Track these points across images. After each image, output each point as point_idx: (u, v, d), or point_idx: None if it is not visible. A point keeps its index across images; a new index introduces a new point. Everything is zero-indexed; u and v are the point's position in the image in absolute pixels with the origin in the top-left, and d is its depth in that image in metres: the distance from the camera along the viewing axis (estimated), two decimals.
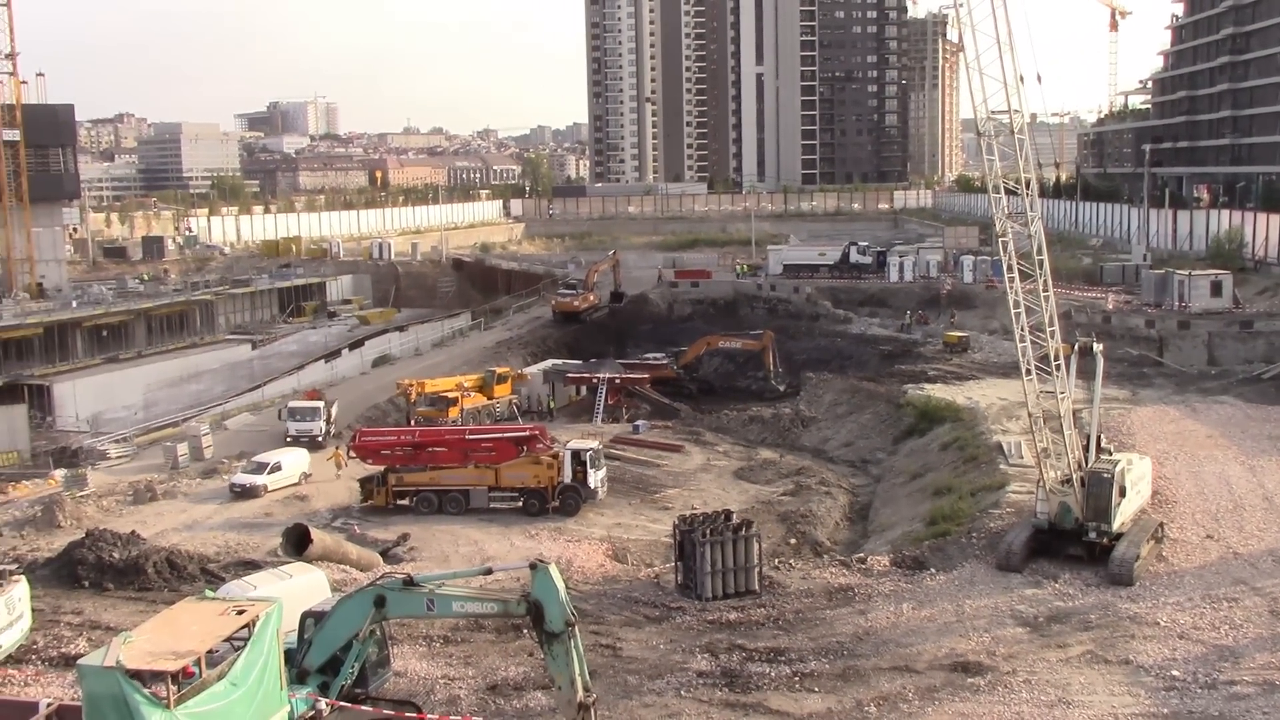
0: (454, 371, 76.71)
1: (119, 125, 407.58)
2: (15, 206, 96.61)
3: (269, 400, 76.73)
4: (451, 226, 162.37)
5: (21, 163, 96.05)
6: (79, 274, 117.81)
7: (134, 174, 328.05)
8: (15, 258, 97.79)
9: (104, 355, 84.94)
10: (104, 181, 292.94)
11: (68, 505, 49.23)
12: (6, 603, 30.77)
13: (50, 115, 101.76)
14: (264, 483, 52.51)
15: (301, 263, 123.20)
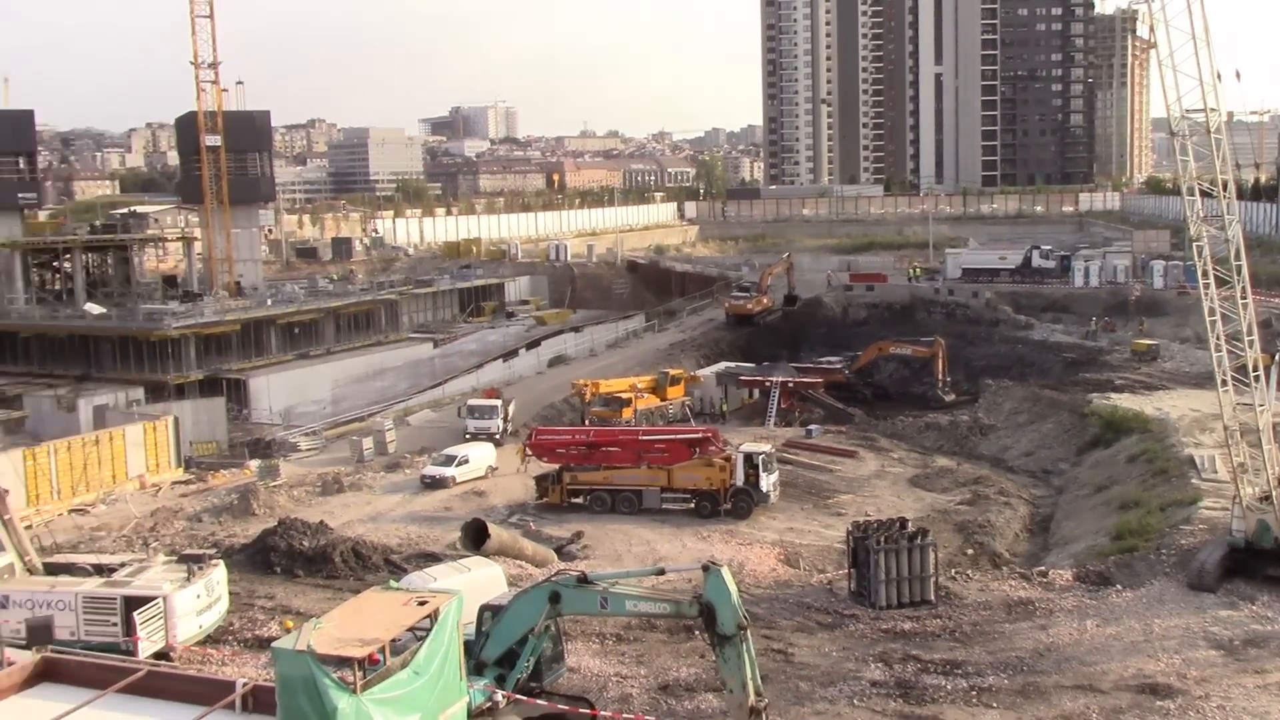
0: (628, 372, 77.37)
1: (311, 131, 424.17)
2: (216, 209, 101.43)
3: (449, 397, 78.79)
4: (626, 229, 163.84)
5: (222, 167, 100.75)
6: (273, 273, 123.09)
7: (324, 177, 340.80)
8: (216, 257, 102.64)
9: (296, 351, 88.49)
10: (296, 185, 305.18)
11: (261, 494, 51.49)
12: (206, 586, 32.35)
13: (248, 121, 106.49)
14: (452, 474, 54.31)
15: (481, 264, 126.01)
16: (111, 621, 30.38)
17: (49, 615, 29.01)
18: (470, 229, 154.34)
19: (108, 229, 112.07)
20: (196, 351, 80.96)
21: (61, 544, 37.57)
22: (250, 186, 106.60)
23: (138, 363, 79.91)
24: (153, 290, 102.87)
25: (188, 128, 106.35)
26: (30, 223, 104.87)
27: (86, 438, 57.57)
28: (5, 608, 30.53)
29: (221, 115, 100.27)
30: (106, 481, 55.84)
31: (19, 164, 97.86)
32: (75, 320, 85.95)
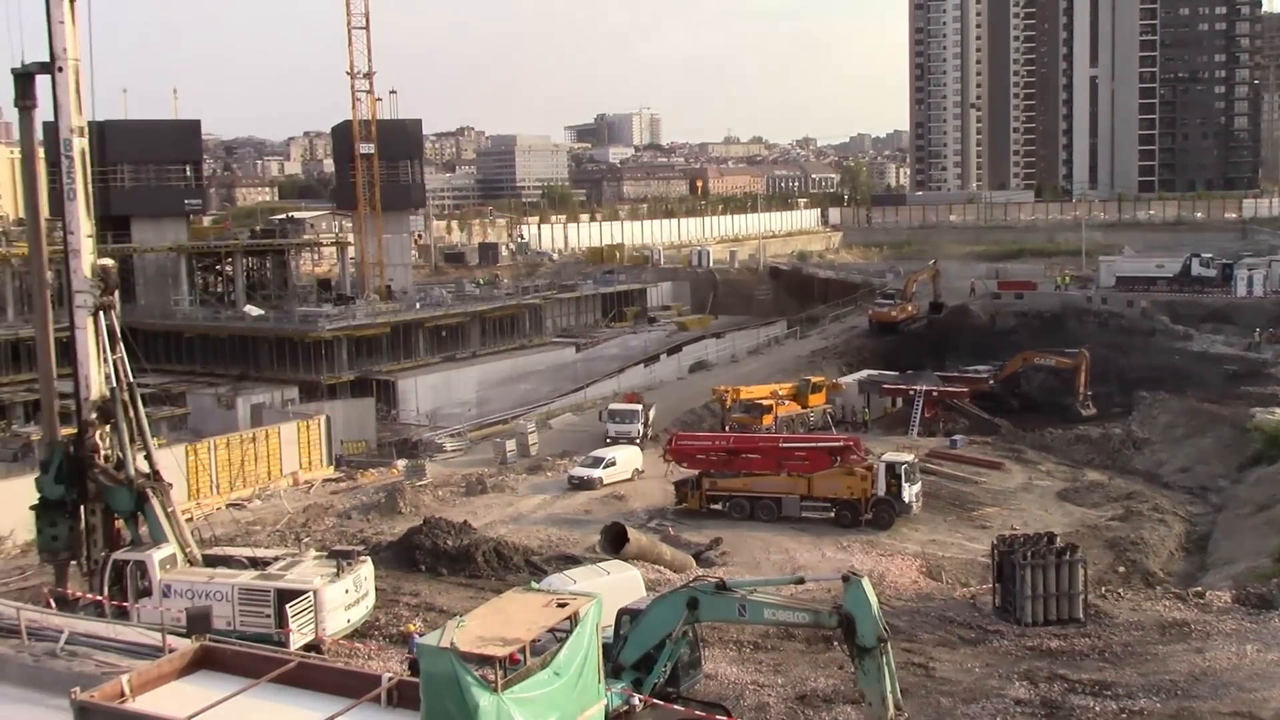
0: (769, 379, 76.97)
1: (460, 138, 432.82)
2: (369, 215, 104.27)
3: (590, 401, 79.48)
4: (769, 235, 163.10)
5: (375, 174, 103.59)
6: (422, 278, 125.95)
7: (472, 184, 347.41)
8: (368, 262, 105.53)
9: (442, 354, 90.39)
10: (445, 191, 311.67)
11: (408, 493, 52.70)
12: (354, 581, 33.23)
13: (401, 130, 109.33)
14: (600, 476, 55.02)
15: (624, 269, 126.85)
16: (265, 613, 31.42)
17: (208, 605, 30.11)
18: (613, 235, 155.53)
19: (266, 234, 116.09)
20: (348, 353, 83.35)
21: (219, 537, 39.02)
22: (401, 193, 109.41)
23: (293, 363, 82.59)
24: (308, 293, 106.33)
25: (343, 136, 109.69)
26: (195, 228, 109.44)
27: (244, 435, 59.76)
28: (168, 596, 31.86)
29: (375, 124, 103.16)
30: (262, 477, 57.85)
31: (185, 172, 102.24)
32: (235, 322, 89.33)
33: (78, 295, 32.35)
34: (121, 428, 32.80)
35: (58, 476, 32.98)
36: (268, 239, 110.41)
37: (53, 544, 33.48)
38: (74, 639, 23.12)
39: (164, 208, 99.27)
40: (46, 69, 32.08)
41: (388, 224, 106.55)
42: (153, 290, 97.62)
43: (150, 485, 33.10)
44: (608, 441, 63.27)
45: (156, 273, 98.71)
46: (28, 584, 38.41)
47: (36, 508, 33.60)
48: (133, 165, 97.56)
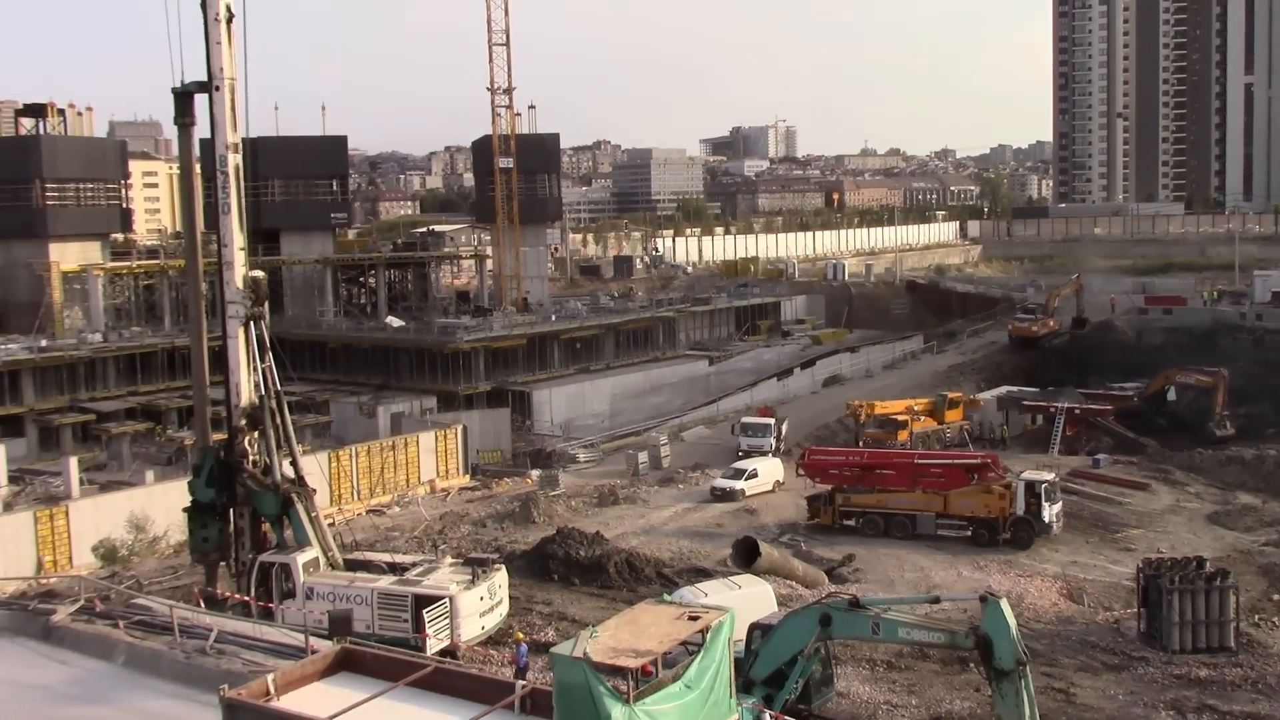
0: (904, 394, 75.88)
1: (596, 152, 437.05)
2: (507, 228, 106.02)
3: (723, 415, 79.40)
4: (906, 248, 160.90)
5: (514, 188, 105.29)
6: (558, 290, 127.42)
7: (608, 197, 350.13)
8: (505, 274, 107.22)
9: (577, 366, 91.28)
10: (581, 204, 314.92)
11: (542, 503, 53.28)
12: (489, 589, 33.72)
13: (539, 144, 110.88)
14: (741, 487, 55.14)
15: (758, 282, 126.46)
16: (403, 618, 32.08)
17: (349, 608, 30.83)
18: (748, 248, 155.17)
19: (408, 247, 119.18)
20: (485, 364, 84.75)
21: (360, 542, 40.03)
22: (539, 206, 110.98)
23: (431, 373, 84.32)
24: (447, 305, 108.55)
25: (483, 151, 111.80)
26: (340, 241, 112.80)
27: (384, 443, 61.21)
28: (310, 598, 32.76)
29: (515, 138, 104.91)
30: (401, 485, 59.20)
31: (332, 186, 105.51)
32: (377, 332, 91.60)
33: (230, 306, 33.53)
34: (269, 434, 33.86)
35: (209, 480, 34.15)
36: (409, 252, 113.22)
37: (203, 545, 34.69)
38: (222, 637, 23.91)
39: (311, 221, 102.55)
40: (204, 88, 33.38)
41: (525, 237, 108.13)
42: (299, 301, 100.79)
43: (295, 490, 34.09)
44: (739, 455, 63.10)
45: (303, 284, 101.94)
46: (179, 583, 39.93)
47: (189, 510, 34.86)
48: (283, 180, 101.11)
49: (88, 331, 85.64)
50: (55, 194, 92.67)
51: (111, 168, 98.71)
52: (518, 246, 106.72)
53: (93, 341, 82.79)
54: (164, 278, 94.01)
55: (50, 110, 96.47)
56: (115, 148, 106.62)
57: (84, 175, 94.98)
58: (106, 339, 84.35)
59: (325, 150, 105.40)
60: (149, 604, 26.43)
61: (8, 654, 19.83)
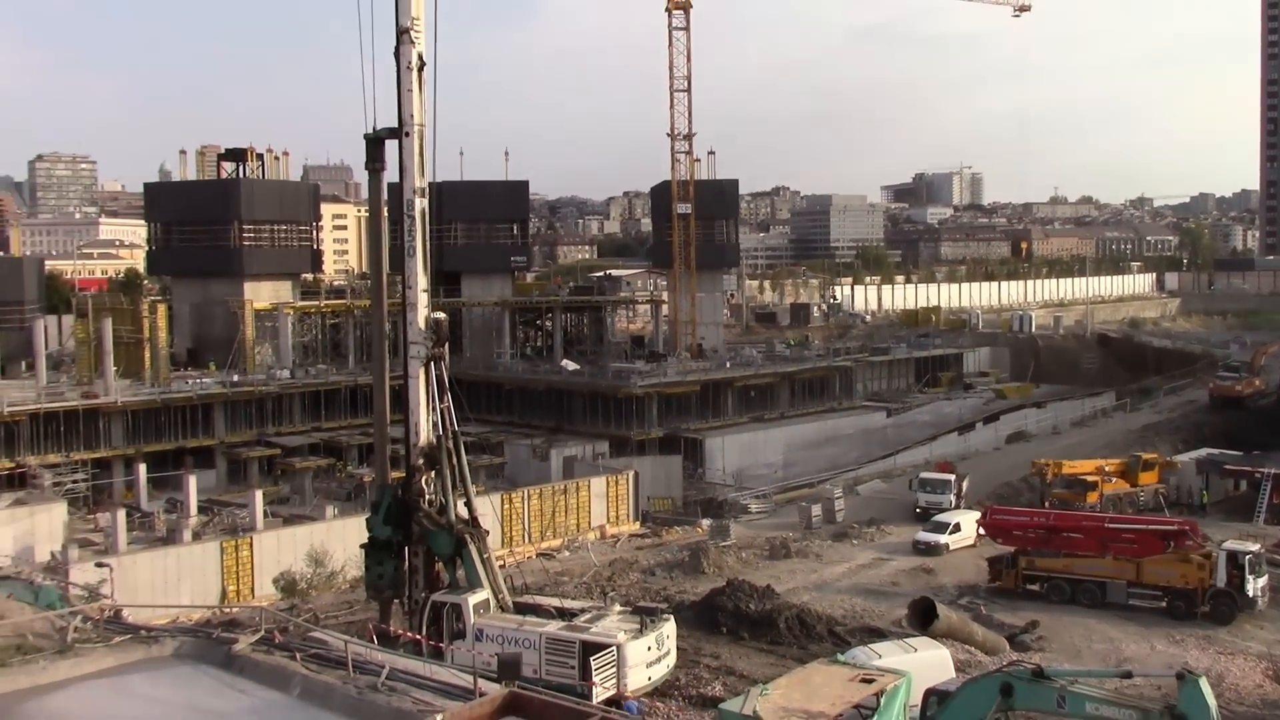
0: (1094, 454, 73.15)
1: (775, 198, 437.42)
2: (684, 273, 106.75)
3: (900, 469, 77.98)
4: (1098, 300, 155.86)
5: (691, 233, 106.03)
6: (733, 337, 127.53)
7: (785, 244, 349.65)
8: (681, 320, 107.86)
9: (750, 414, 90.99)
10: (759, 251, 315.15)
11: (712, 553, 53.05)
12: (657, 639, 33.60)
13: (717, 190, 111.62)
14: (945, 541, 54.53)
15: (939, 333, 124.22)
16: (570, 664, 32.18)
17: (518, 652, 31.08)
18: (929, 297, 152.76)
19: (584, 290, 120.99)
20: (658, 409, 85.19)
21: (529, 585, 40.43)
22: (716, 252, 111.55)
23: (605, 418, 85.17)
24: (622, 349, 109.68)
25: (661, 196, 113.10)
26: (519, 284, 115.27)
27: (556, 486, 62.01)
28: (480, 640, 33.21)
29: (693, 184, 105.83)
30: (571, 529, 59.78)
31: (513, 230, 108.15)
32: (552, 375, 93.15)
33: (412, 346, 34.54)
34: (445, 474, 34.64)
35: (386, 518, 35.09)
36: (585, 295, 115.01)
37: (379, 582, 35.60)
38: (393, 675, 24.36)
39: (492, 264, 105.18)
40: (395, 134, 34.67)
41: (701, 283, 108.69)
42: (478, 342, 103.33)
43: (469, 531, 34.73)
44: (917, 512, 62.11)
45: (482, 326, 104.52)
46: (355, 618, 41.01)
47: (366, 546, 35.86)
48: (466, 224, 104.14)
49: (276, 368, 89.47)
50: (251, 235, 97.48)
51: (304, 210, 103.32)
52: (693, 292, 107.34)
53: (281, 378, 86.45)
54: (349, 317, 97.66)
55: (250, 155, 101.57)
56: (308, 191, 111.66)
57: (279, 217, 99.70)
58: (294, 375, 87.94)
59: (507, 195, 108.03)
60: (325, 637, 27.19)
61: (191, 681, 20.69)
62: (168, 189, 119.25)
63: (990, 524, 51.20)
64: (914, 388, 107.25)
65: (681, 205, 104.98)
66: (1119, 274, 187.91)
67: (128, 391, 78.15)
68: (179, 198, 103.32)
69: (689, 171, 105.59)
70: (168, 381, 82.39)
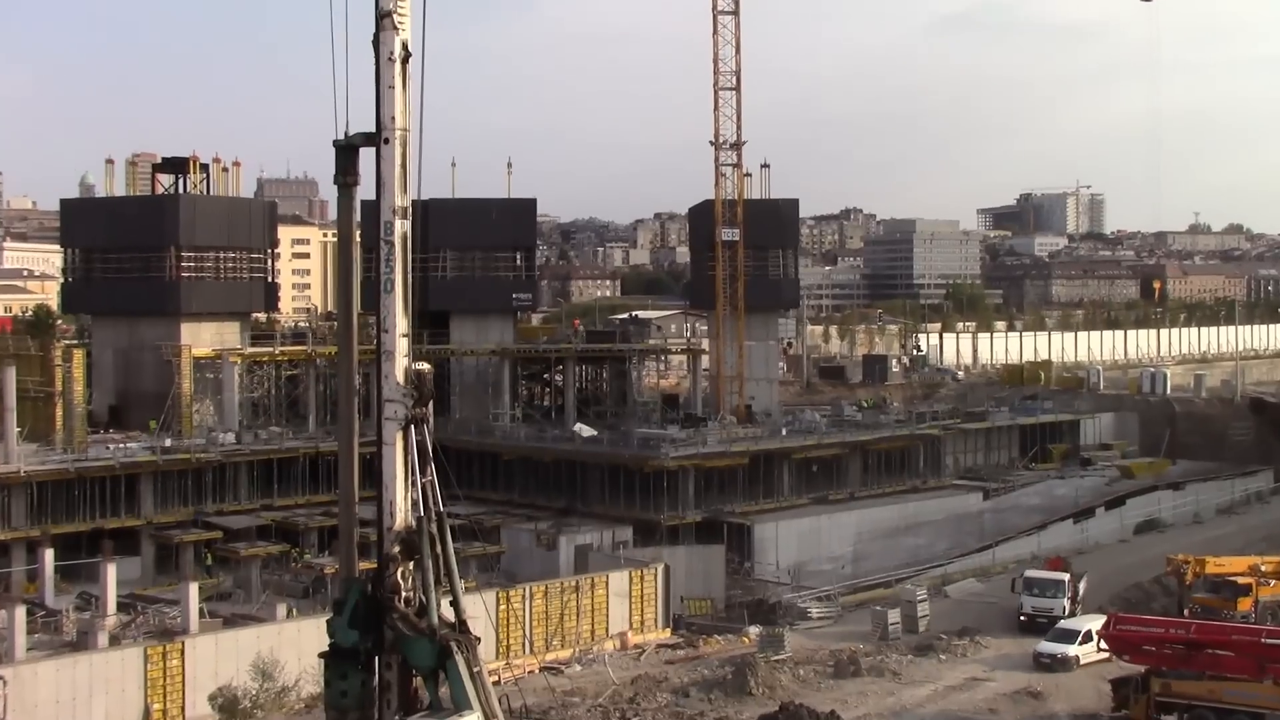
0: (1247, 549, 72.67)
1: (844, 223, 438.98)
2: (729, 316, 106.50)
3: (1000, 565, 77.57)
4: (1250, 355, 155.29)
5: (740, 266, 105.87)
6: (791, 396, 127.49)
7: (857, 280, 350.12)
8: (725, 374, 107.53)
9: (812, 494, 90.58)
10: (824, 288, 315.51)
11: (761, 669, 52.69)
12: None
13: (773, 212, 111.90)
14: (1075, 654, 54.85)
15: (1050, 393, 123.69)
16: None
17: None
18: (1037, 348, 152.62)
19: (605, 336, 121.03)
20: (696, 487, 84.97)
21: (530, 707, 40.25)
22: (770, 290, 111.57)
23: (628, 496, 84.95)
24: (650, 411, 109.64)
25: (702, 219, 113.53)
26: (522, 328, 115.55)
27: (566, 583, 61.80)
28: None
29: (743, 205, 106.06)
30: (584, 637, 59.51)
31: (516, 260, 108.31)
32: (563, 443, 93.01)
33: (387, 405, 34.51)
34: (427, 566, 34.47)
35: (352, 620, 34.87)
36: (606, 343, 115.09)
37: (341, 700, 35.29)
38: None
39: (489, 303, 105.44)
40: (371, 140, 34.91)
41: (752, 328, 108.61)
42: (470, 400, 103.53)
43: (456, 638, 34.48)
44: (1021, 620, 62.02)
45: (476, 380, 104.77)
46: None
47: (326, 655, 35.67)
48: (457, 251, 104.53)
49: (219, 430, 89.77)
50: (192, 264, 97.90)
51: (258, 234, 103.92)
52: (741, 340, 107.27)
53: (224, 443, 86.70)
54: (311, 368, 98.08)
55: (192, 165, 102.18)
56: (263, 210, 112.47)
57: (226, 243, 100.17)
58: (240, 440, 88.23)
59: (509, 216, 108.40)
60: None
61: None
62: (89, 207, 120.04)
63: (1115, 636, 50.72)
64: (1018, 463, 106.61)
65: (727, 230, 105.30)
66: (1276, 322, 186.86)
67: (33, 458, 78.32)
68: (103, 218, 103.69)
69: (737, 188, 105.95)
70: (84, 446, 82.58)
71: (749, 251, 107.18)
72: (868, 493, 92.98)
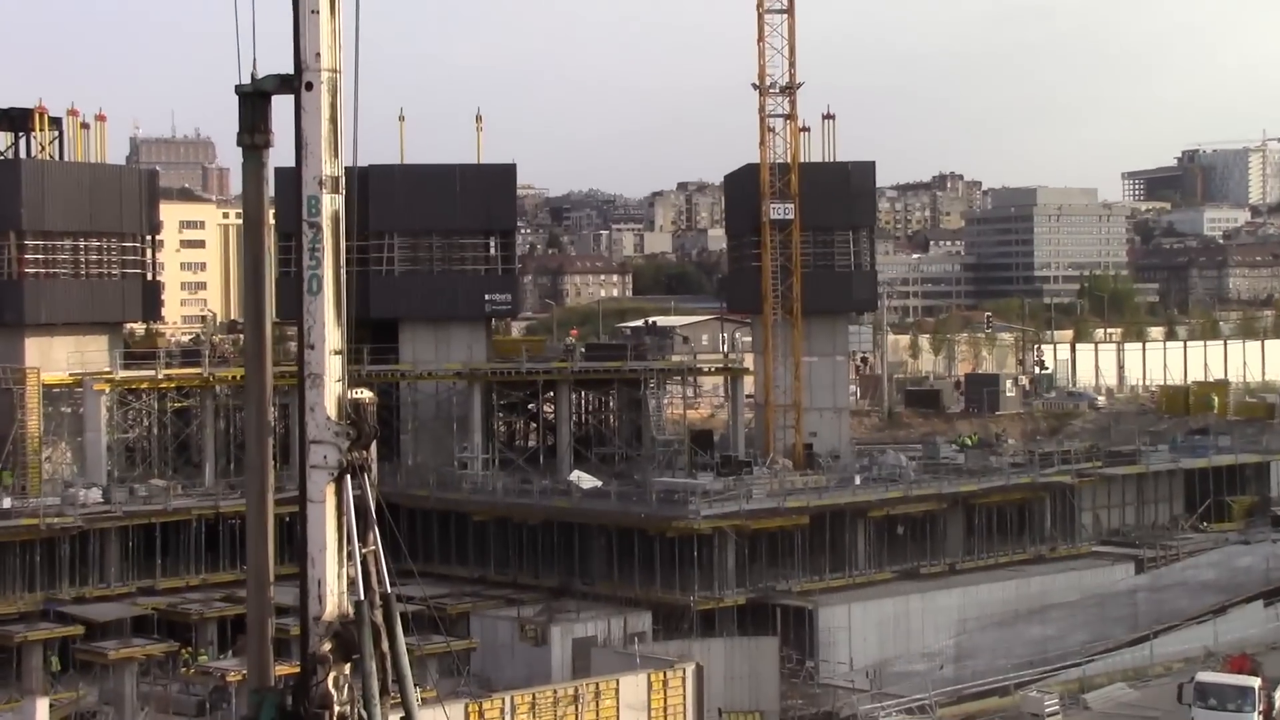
0: None
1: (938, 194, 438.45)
2: (782, 323, 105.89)
3: (1160, 663, 77.19)
4: None
5: (795, 254, 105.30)
6: (866, 431, 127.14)
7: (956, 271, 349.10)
8: (776, 403, 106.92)
9: (896, 566, 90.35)
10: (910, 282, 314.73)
11: None
12: None
13: (840, 181, 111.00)
14: None
15: (1228, 426, 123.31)
16: None
17: None
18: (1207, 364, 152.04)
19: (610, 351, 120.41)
20: (738, 558, 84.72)
21: None
22: (837, 286, 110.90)
23: (645, 571, 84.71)
24: (675, 453, 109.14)
25: (742, 190, 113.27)
26: (499, 341, 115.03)
27: (560, 690, 61.57)
28: None
29: (797, 170, 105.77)
30: None
31: (489, 248, 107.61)
32: (555, 498, 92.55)
33: (314, 449, 34.45)
34: (369, 669, 34.44)
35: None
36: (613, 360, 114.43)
37: None
38: None
39: (453, 307, 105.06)
40: (290, 86, 34.93)
41: (812, 338, 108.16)
42: (428, 441, 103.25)
43: None
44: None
45: (436, 412, 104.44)
46: None
47: None
48: (408, 238, 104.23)
49: (79, 485, 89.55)
50: (40, 257, 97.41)
51: (132, 214, 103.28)
52: (798, 355, 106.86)
53: (87, 502, 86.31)
54: (208, 398, 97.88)
55: (38, 119, 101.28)
56: (139, 181, 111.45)
57: (87, 227, 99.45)
58: (109, 499, 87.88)
59: (480, 188, 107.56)
60: None
61: None
62: None
63: None
64: (1183, 522, 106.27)
65: (778, 205, 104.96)
66: None
67: None
68: None
69: (790, 147, 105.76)
70: None
71: (808, 234, 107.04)
72: (974, 564, 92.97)
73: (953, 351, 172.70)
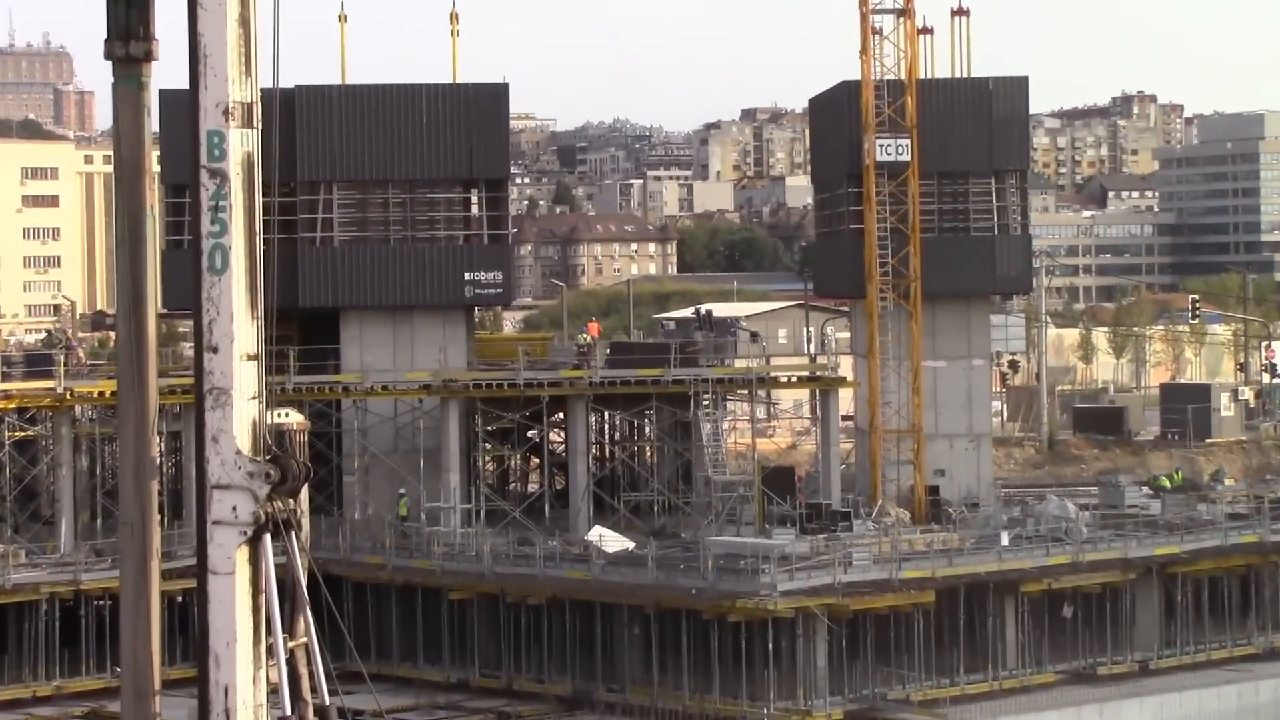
0: None
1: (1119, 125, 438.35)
2: (892, 311, 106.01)
3: None
4: None
5: (913, 211, 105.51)
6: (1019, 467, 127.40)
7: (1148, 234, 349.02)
8: (884, 428, 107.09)
9: (1061, 665, 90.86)
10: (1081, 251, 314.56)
11: None
12: None
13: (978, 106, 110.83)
14: None
15: None
16: None
17: None
18: None
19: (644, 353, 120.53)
20: (832, 652, 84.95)
21: None
22: (974, 258, 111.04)
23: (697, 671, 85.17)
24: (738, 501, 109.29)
25: (834, 118, 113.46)
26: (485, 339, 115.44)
27: None
28: None
29: (914, 89, 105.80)
30: None
31: (469, 206, 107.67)
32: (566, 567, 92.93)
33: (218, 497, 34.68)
34: None
35: None
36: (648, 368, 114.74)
37: None
38: None
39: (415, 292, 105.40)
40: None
41: (940, 335, 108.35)
42: (381, 484, 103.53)
43: None
44: None
45: (393, 445, 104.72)
46: None
47: None
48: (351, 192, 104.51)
49: None
50: None
51: None
52: (918, 359, 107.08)
53: None
54: (63, 425, 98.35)
55: None
56: None
57: None
58: None
59: (455, 117, 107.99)
60: None
61: None
62: None
63: None
64: None
65: (888, 141, 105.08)
66: None
67: None
68: None
69: (907, 57, 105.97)
70: None
71: (932, 183, 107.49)
72: (1175, 661, 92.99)
73: (1143, 352, 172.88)
